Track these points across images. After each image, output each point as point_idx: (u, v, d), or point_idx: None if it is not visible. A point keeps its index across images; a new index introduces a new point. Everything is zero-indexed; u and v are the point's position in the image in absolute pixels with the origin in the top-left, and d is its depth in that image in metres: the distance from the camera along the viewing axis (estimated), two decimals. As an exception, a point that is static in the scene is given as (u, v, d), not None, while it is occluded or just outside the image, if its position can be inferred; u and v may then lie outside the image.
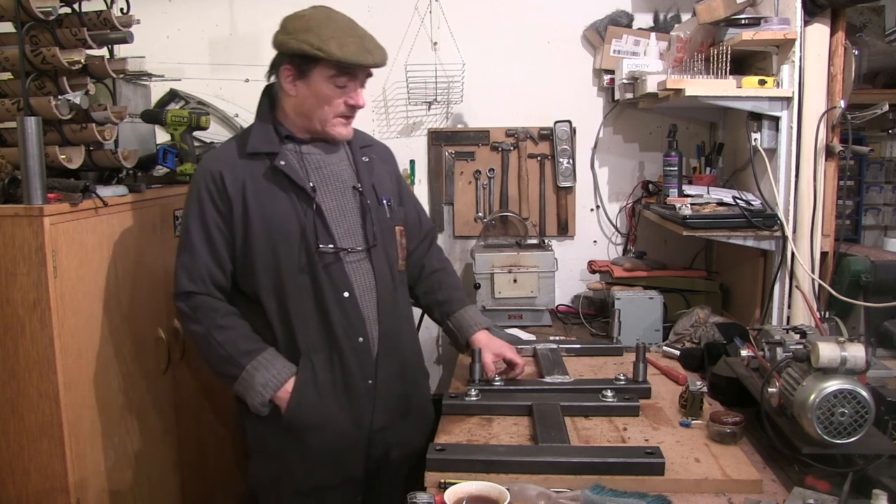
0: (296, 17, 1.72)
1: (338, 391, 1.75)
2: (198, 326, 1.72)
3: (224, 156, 1.77)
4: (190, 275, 1.72)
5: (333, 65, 1.67)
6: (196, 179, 1.76)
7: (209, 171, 1.73)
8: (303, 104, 1.74)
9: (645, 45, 2.73)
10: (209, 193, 1.72)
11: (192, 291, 1.72)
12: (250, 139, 1.76)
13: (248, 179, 1.72)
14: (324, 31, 1.65)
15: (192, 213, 1.74)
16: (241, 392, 1.72)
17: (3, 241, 1.65)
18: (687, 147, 2.79)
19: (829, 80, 2.14)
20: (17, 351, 1.67)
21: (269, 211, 1.71)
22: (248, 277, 1.75)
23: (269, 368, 1.70)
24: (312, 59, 1.67)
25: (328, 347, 1.74)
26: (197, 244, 1.72)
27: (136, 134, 2.38)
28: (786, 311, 2.21)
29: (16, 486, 1.71)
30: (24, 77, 1.79)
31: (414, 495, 1.26)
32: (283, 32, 1.71)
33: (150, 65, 2.74)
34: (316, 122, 1.75)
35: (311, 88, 1.71)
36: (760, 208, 2.23)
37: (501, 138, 2.98)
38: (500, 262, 2.68)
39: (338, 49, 1.64)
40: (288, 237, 1.71)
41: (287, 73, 1.72)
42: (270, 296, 1.73)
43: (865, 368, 1.37)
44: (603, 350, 2.25)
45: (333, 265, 1.73)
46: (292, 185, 1.73)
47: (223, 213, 1.72)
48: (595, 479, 1.39)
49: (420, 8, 2.88)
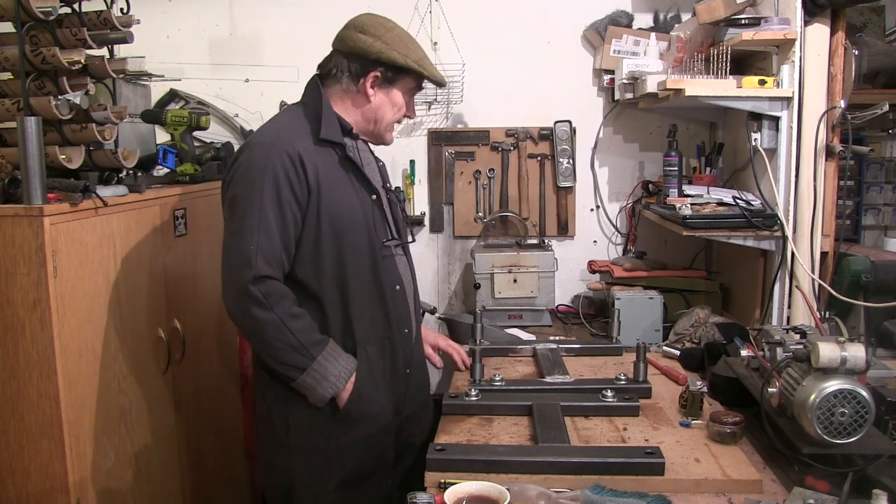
0: (384, 28, 1.74)
1: (387, 381, 1.78)
2: (268, 313, 1.60)
3: (298, 138, 1.68)
4: (266, 258, 1.60)
5: (417, 79, 1.78)
6: (269, 156, 1.63)
7: (286, 151, 1.63)
8: (378, 109, 1.78)
9: (645, 45, 2.73)
10: (286, 174, 1.62)
11: (268, 276, 1.61)
12: (323, 126, 1.71)
13: (322, 166, 1.69)
14: (417, 49, 1.76)
15: (265, 191, 1.61)
16: (309, 384, 1.65)
17: (3, 241, 1.65)
18: (687, 147, 2.79)
19: (829, 80, 2.14)
20: (17, 351, 1.67)
21: (340, 201, 1.71)
22: (310, 265, 1.69)
23: (338, 359, 1.67)
24: (404, 71, 1.74)
25: (382, 338, 1.76)
26: (273, 227, 1.61)
27: (136, 134, 2.38)
28: (786, 311, 2.21)
29: (16, 486, 1.71)
30: (24, 77, 1.79)
31: (414, 495, 1.26)
32: (380, 41, 1.72)
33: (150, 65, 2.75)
34: (382, 127, 1.80)
35: (390, 96, 1.77)
36: (760, 208, 2.23)
37: (501, 138, 2.98)
38: (500, 262, 2.68)
39: (431, 68, 1.77)
40: (355, 228, 1.72)
41: (374, 79, 1.74)
42: (333, 285, 1.70)
43: (865, 368, 1.37)
44: (603, 350, 2.25)
45: (389, 258, 1.78)
46: (359, 178, 1.76)
47: (299, 198, 1.64)
48: (595, 479, 1.39)
49: (420, 8, 2.88)
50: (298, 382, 1.66)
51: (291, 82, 2.99)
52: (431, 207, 3.04)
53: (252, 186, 1.63)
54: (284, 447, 1.74)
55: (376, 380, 1.75)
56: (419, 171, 3.03)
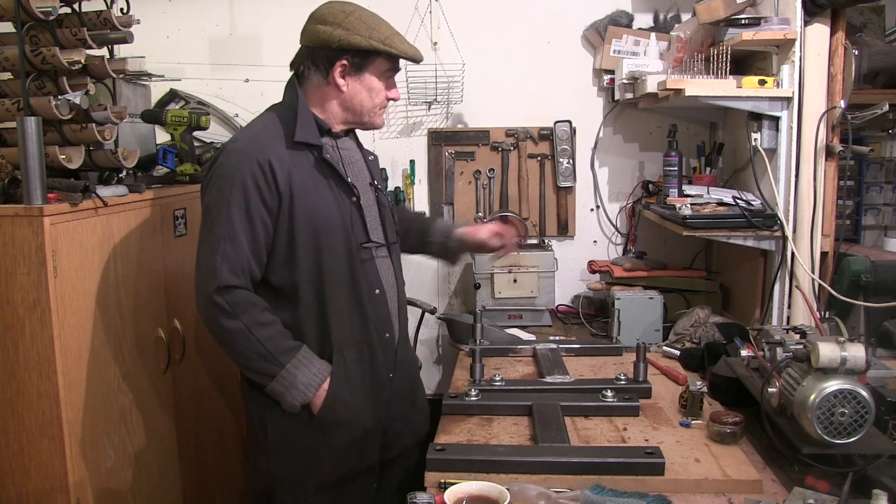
0: (344, 14, 1.69)
1: (365, 385, 1.76)
2: (235, 322, 1.61)
3: (269, 144, 1.67)
4: (232, 267, 1.62)
5: (390, 59, 1.72)
6: (238, 164, 1.63)
7: (256, 160, 1.63)
8: (353, 98, 1.75)
9: (645, 45, 2.73)
10: (255, 182, 1.62)
11: (232, 285, 1.62)
12: (298, 129, 1.69)
13: (295, 170, 1.67)
14: (382, 29, 1.70)
15: (234, 200, 1.62)
16: (278, 391, 1.65)
17: (3, 241, 1.65)
18: (687, 147, 2.79)
19: (829, 80, 2.14)
20: (17, 351, 1.67)
21: (315, 204, 1.69)
22: (286, 270, 1.69)
23: (309, 366, 1.67)
24: (372, 54, 1.69)
25: (359, 343, 1.75)
26: (240, 234, 1.62)
27: (136, 134, 2.38)
28: (786, 311, 2.21)
29: (16, 486, 1.71)
30: (24, 77, 1.79)
31: (414, 495, 1.26)
32: (340, 28, 1.67)
33: (150, 65, 2.75)
34: (364, 115, 1.78)
35: (364, 83, 1.73)
36: (760, 208, 2.23)
37: (501, 138, 2.98)
38: (500, 262, 2.67)
39: (401, 45, 1.70)
40: (331, 231, 1.70)
41: (342, 68, 1.71)
42: (309, 289, 1.69)
43: (865, 368, 1.37)
44: (602, 350, 2.25)
45: (368, 262, 1.76)
46: (337, 179, 1.74)
47: (269, 205, 1.64)
48: (595, 479, 1.39)
49: (420, 8, 2.88)
50: (269, 389, 1.67)
51: (291, 82, 3.00)
52: (431, 207, 3.03)
53: (221, 196, 1.63)
54: (265, 449, 1.76)
55: (354, 385, 1.73)
56: (419, 171, 3.03)
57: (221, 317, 1.62)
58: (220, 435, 2.48)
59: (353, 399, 1.73)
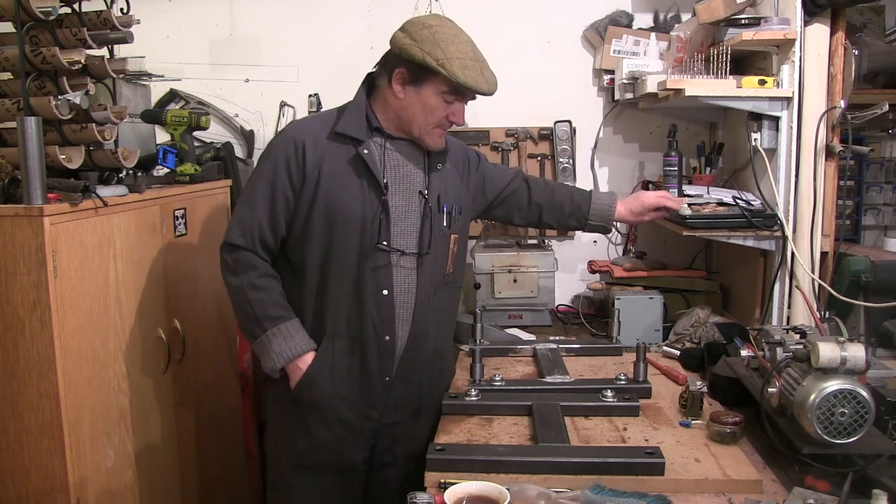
0: (423, 25, 1.72)
1: (352, 380, 1.78)
2: (235, 279, 1.75)
3: (311, 129, 1.78)
4: (242, 229, 1.75)
5: (449, 83, 1.70)
6: (277, 143, 1.77)
7: (293, 139, 1.75)
8: (407, 108, 1.76)
9: (645, 45, 2.73)
10: (286, 160, 1.73)
11: (238, 245, 1.75)
12: (341, 120, 1.77)
13: (328, 157, 1.74)
14: (450, 49, 1.68)
15: (264, 173, 1.76)
16: (258, 353, 1.77)
17: (3, 241, 1.65)
18: (687, 147, 2.79)
19: (829, 80, 2.14)
20: (17, 351, 1.67)
21: (338, 194, 1.73)
22: (299, 248, 1.77)
23: (287, 339, 1.73)
24: (430, 72, 1.69)
25: (353, 337, 1.77)
26: (259, 202, 1.74)
27: (136, 134, 2.38)
28: (786, 311, 2.21)
29: (16, 486, 1.71)
30: (24, 77, 1.78)
31: (414, 495, 1.26)
32: (409, 37, 1.71)
33: (150, 65, 2.75)
34: (415, 129, 1.78)
35: (420, 97, 1.74)
36: (760, 208, 2.23)
37: (501, 138, 2.97)
38: (500, 262, 2.67)
39: (459, 71, 1.68)
40: (348, 224, 1.73)
41: (400, 76, 1.73)
42: (315, 272, 1.76)
43: (865, 368, 1.37)
44: (602, 350, 2.25)
45: (382, 262, 1.76)
46: (368, 176, 1.76)
47: (294, 184, 1.74)
48: (595, 479, 1.39)
49: (420, 8, 2.88)
50: (253, 349, 1.81)
51: (291, 82, 3.00)
52: (431, 207, 3.03)
53: (258, 168, 1.80)
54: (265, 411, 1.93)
55: (338, 375, 1.77)
56: (419, 171, 3.03)
57: (224, 271, 1.78)
58: (220, 435, 2.48)
59: (332, 387, 1.77)
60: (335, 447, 1.81)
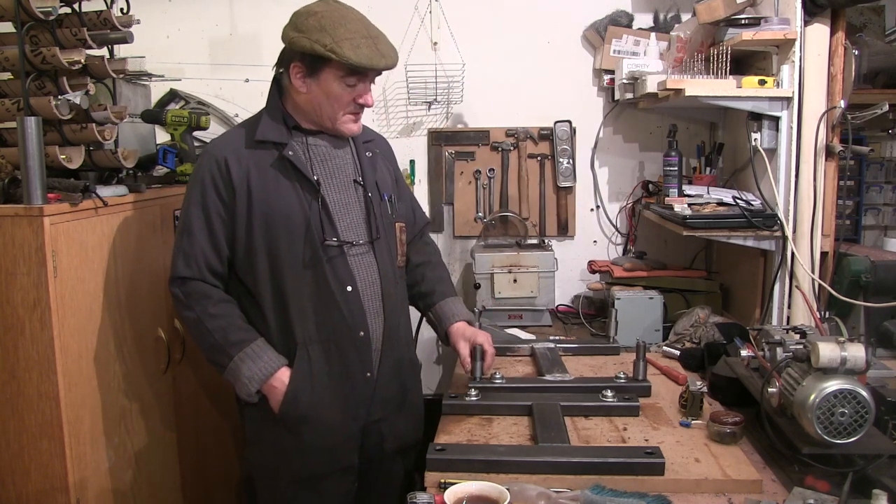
0: (308, 14, 1.68)
1: (334, 383, 1.75)
2: (190, 312, 1.72)
3: (230, 142, 1.76)
4: (186, 260, 1.71)
5: (343, 66, 1.65)
6: (200, 164, 1.75)
7: (214, 157, 1.72)
8: (312, 101, 1.73)
9: (645, 45, 2.73)
10: (212, 179, 1.71)
11: (186, 277, 1.71)
12: (259, 127, 1.75)
13: (254, 168, 1.72)
14: (338, 32, 1.63)
15: (193, 198, 1.73)
16: (230, 380, 1.73)
17: (3, 241, 1.65)
18: (687, 147, 2.79)
19: (829, 80, 2.14)
20: (17, 351, 1.67)
21: (273, 201, 1.71)
22: (246, 266, 1.74)
23: (255, 361, 1.69)
24: (324, 59, 1.65)
25: (326, 339, 1.73)
26: (196, 229, 1.71)
27: (136, 134, 2.38)
28: (786, 311, 2.21)
29: (16, 486, 1.71)
30: (24, 77, 1.79)
31: (414, 495, 1.26)
32: (295, 29, 1.68)
33: (150, 65, 2.74)
34: (326, 119, 1.75)
35: (322, 87, 1.70)
36: (760, 208, 2.23)
37: (501, 138, 2.98)
38: (500, 262, 2.68)
39: (351, 52, 1.62)
40: (291, 229, 1.70)
41: (297, 71, 1.70)
42: (267, 286, 1.72)
43: (865, 368, 1.37)
44: (601, 350, 2.26)
45: (337, 259, 1.73)
46: (298, 176, 1.73)
47: (225, 201, 1.71)
48: (595, 479, 1.39)
49: (420, 8, 2.88)
50: (224, 377, 1.74)
51: (291, 82, 3.00)
52: (431, 207, 3.03)
53: (187, 194, 1.76)
54: (245, 439, 1.84)
55: (319, 383, 1.73)
56: (419, 171, 3.03)
57: (178, 306, 1.75)
58: (220, 435, 2.48)
59: (316, 397, 1.73)
60: (329, 454, 1.77)
